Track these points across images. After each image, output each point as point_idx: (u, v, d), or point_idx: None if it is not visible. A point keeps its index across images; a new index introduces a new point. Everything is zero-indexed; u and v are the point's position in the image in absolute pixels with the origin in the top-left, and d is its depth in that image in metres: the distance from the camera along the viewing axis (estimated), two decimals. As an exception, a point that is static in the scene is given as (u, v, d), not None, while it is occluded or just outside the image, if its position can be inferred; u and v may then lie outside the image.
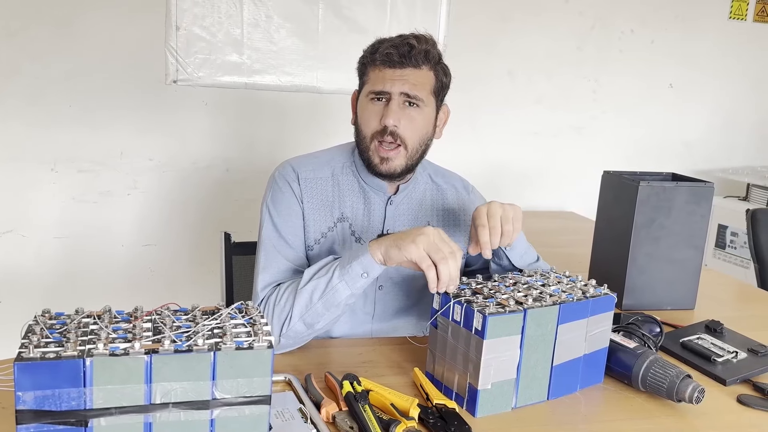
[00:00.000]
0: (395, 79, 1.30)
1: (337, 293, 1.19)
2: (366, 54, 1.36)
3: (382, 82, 1.31)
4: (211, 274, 2.48)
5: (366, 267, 1.18)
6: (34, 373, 0.75)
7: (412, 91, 1.31)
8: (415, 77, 1.31)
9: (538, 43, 2.97)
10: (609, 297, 1.18)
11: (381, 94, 1.32)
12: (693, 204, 1.61)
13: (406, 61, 1.31)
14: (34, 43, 2.36)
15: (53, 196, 2.49)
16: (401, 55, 1.30)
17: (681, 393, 1.09)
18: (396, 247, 1.15)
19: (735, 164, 3.40)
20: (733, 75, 3.31)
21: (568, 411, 1.11)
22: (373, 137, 1.33)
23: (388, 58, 1.31)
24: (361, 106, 1.37)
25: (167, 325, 0.84)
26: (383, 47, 1.32)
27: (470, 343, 1.06)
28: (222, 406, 0.82)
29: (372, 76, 1.34)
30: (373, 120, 1.33)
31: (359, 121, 1.37)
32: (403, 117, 1.31)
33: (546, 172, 3.10)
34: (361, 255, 1.18)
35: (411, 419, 0.99)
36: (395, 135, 1.31)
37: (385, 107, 1.31)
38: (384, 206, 1.40)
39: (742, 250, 3.03)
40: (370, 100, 1.34)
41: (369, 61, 1.35)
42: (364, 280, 1.19)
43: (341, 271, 1.19)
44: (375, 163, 1.34)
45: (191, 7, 2.42)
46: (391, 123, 1.30)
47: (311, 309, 1.20)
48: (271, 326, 1.20)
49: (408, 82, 1.30)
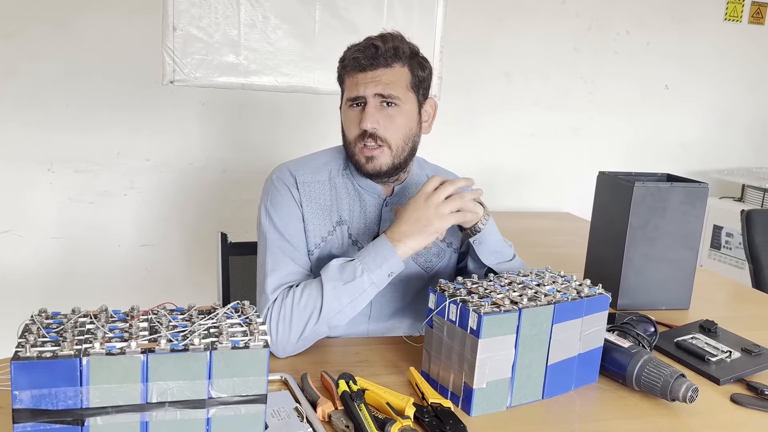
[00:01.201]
0: (367, 82, 1.31)
1: (367, 296, 1.24)
2: (339, 63, 1.38)
3: (356, 87, 1.32)
4: (207, 274, 2.48)
5: (393, 267, 1.24)
6: (30, 372, 0.75)
7: (386, 90, 1.31)
8: (387, 76, 1.32)
9: (535, 44, 2.98)
10: (603, 297, 1.18)
11: (356, 99, 1.33)
12: (688, 204, 1.62)
13: (375, 62, 1.31)
14: (32, 44, 2.37)
15: (50, 196, 2.49)
16: (368, 57, 1.31)
17: (675, 392, 1.10)
18: (424, 235, 1.24)
19: (730, 165, 3.42)
20: (729, 76, 3.32)
21: (562, 410, 1.12)
22: (356, 142, 1.34)
23: (357, 62, 1.32)
24: (344, 113, 1.38)
25: (163, 325, 0.84)
26: (350, 53, 1.34)
27: (465, 343, 1.06)
28: (218, 405, 0.82)
29: (347, 83, 1.35)
30: (353, 126, 1.34)
31: (343, 128, 1.39)
32: (381, 118, 1.32)
33: (542, 173, 3.11)
34: (389, 257, 1.23)
35: (407, 418, 1.00)
36: (375, 137, 1.32)
37: (361, 112, 1.32)
38: (379, 208, 1.41)
39: (737, 251, 3.04)
40: (349, 107, 1.35)
41: (341, 69, 1.37)
42: (389, 279, 1.25)
43: (371, 274, 1.23)
44: (361, 164, 1.35)
45: (188, 7, 2.43)
46: (369, 126, 1.31)
47: (340, 312, 1.23)
48: (287, 328, 1.21)
49: (380, 83, 1.31)
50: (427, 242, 1.25)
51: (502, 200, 2.99)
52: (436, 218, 1.23)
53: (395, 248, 1.23)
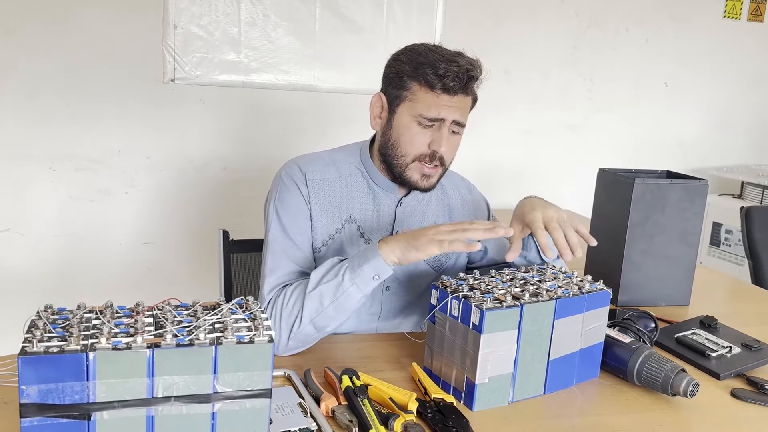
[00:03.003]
0: (451, 106, 1.28)
1: (349, 297, 1.19)
2: (410, 67, 1.28)
3: (437, 109, 1.27)
4: (208, 272, 2.49)
5: (378, 270, 1.18)
6: (37, 366, 0.75)
7: (463, 119, 1.31)
8: (465, 103, 1.31)
9: (534, 43, 2.98)
10: (604, 292, 1.19)
11: (433, 120, 1.28)
12: (687, 201, 1.63)
13: (463, 90, 1.28)
14: (32, 42, 2.37)
15: (51, 194, 2.49)
16: (461, 83, 1.26)
17: (676, 387, 1.11)
18: (413, 249, 1.16)
19: (729, 163, 3.43)
20: (728, 74, 3.33)
21: (564, 405, 1.12)
22: (418, 159, 1.31)
23: (447, 85, 1.25)
24: (405, 125, 1.30)
25: (169, 320, 0.85)
26: (442, 71, 1.24)
27: (468, 338, 1.07)
28: (223, 400, 0.83)
29: (425, 98, 1.27)
30: (420, 143, 1.30)
31: (401, 139, 1.31)
32: (450, 142, 1.31)
33: (542, 171, 3.11)
34: (372, 258, 1.18)
35: (409, 413, 1.01)
36: (441, 159, 1.32)
37: (436, 132, 1.29)
38: (394, 207, 1.40)
39: (736, 248, 3.05)
40: (419, 123, 1.29)
41: (414, 76, 1.28)
42: (375, 283, 1.19)
43: (352, 274, 1.18)
44: (415, 180, 1.33)
45: (189, 5, 2.43)
46: (444, 151, 1.30)
47: (322, 313, 1.19)
48: (278, 329, 1.21)
49: (459, 110, 1.29)
50: (419, 257, 1.17)
51: (501, 198, 2.98)
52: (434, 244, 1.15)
53: (380, 249, 1.18)
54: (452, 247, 1.13)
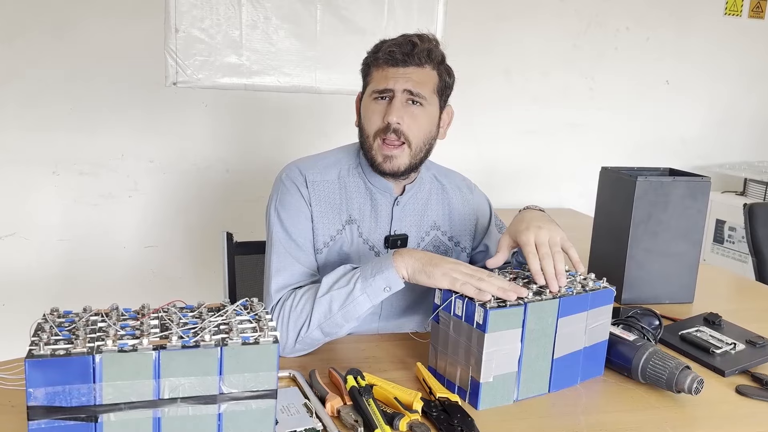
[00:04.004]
0: (398, 77, 1.31)
1: (359, 305, 1.19)
2: (369, 55, 1.37)
3: (385, 80, 1.31)
4: (212, 274, 2.50)
5: (389, 282, 1.18)
6: (44, 369, 0.76)
7: (416, 88, 1.31)
8: (418, 75, 1.32)
9: (534, 42, 2.98)
10: (608, 290, 1.19)
11: (384, 92, 1.32)
12: (690, 198, 1.63)
13: (409, 60, 1.31)
14: (34, 47, 2.38)
15: (55, 198, 2.50)
16: (404, 54, 1.30)
17: (680, 384, 1.11)
18: (425, 274, 1.16)
19: (731, 160, 3.42)
20: (729, 71, 3.32)
21: (569, 403, 1.12)
22: (377, 135, 1.32)
23: (391, 56, 1.31)
24: (365, 105, 1.37)
25: (174, 322, 0.85)
26: (386, 46, 1.33)
27: (472, 337, 1.07)
28: (229, 401, 0.83)
29: (375, 75, 1.34)
30: (376, 118, 1.33)
31: (363, 120, 1.37)
32: (406, 114, 1.31)
33: (543, 170, 3.11)
34: (385, 269, 1.18)
35: (415, 412, 1.01)
36: (399, 132, 1.31)
37: (388, 105, 1.31)
38: (391, 207, 1.41)
39: (740, 245, 3.05)
40: (374, 99, 1.33)
41: (372, 61, 1.35)
42: (386, 294, 1.19)
43: (363, 283, 1.18)
44: (378, 162, 1.33)
45: (190, 9, 2.44)
46: (395, 120, 1.30)
47: (330, 319, 1.20)
48: (285, 331, 1.21)
49: (411, 80, 1.31)
50: (427, 283, 1.16)
51: (503, 197, 2.99)
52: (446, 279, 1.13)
53: (394, 261, 1.18)
54: (463, 288, 1.11)
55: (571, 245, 1.22)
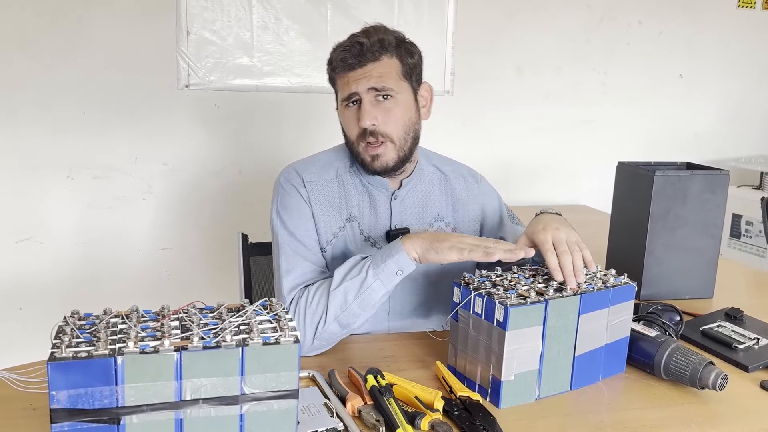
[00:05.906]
0: (359, 79, 1.31)
1: (373, 292, 1.21)
2: (327, 66, 1.37)
3: (348, 86, 1.32)
4: (227, 275, 2.49)
5: (401, 264, 1.20)
6: (67, 372, 0.76)
7: (379, 83, 1.31)
8: (377, 69, 1.31)
9: (546, 38, 2.96)
10: (629, 286, 1.18)
11: (351, 97, 1.33)
12: (708, 192, 1.61)
13: (363, 59, 1.31)
14: (47, 53, 2.39)
15: (69, 202, 2.51)
16: (355, 55, 1.30)
17: (704, 380, 1.09)
18: (433, 250, 1.19)
19: (745, 154, 3.39)
20: (743, 64, 3.29)
21: (591, 400, 1.11)
22: (358, 140, 1.34)
23: (344, 62, 1.31)
24: (341, 114, 1.38)
25: (195, 323, 0.85)
26: (337, 54, 1.33)
27: (492, 335, 1.06)
28: (251, 401, 0.83)
29: (339, 83, 1.35)
30: (352, 125, 1.34)
31: (343, 128, 1.39)
32: (378, 113, 1.31)
33: (558, 166, 3.09)
34: (395, 253, 1.20)
35: (436, 411, 1.00)
36: (376, 134, 1.31)
37: (358, 110, 1.32)
38: (389, 202, 1.41)
39: (757, 239, 3.01)
40: (345, 107, 1.35)
41: (331, 72, 1.36)
42: (399, 278, 1.21)
43: (375, 270, 1.20)
44: (367, 163, 1.35)
45: (201, 11, 2.44)
46: (368, 123, 1.30)
47: (347, 310, 1.21)
48: (302, 329, 1.22)
49: (372, 77, 1.31)
50: (438, 260, 1.19)
51: (517, 195, 2.98)
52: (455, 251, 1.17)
53: (403, 245, 1.21)
54: (471, 255, 1.15)
55: (585, 247, 1.22)
